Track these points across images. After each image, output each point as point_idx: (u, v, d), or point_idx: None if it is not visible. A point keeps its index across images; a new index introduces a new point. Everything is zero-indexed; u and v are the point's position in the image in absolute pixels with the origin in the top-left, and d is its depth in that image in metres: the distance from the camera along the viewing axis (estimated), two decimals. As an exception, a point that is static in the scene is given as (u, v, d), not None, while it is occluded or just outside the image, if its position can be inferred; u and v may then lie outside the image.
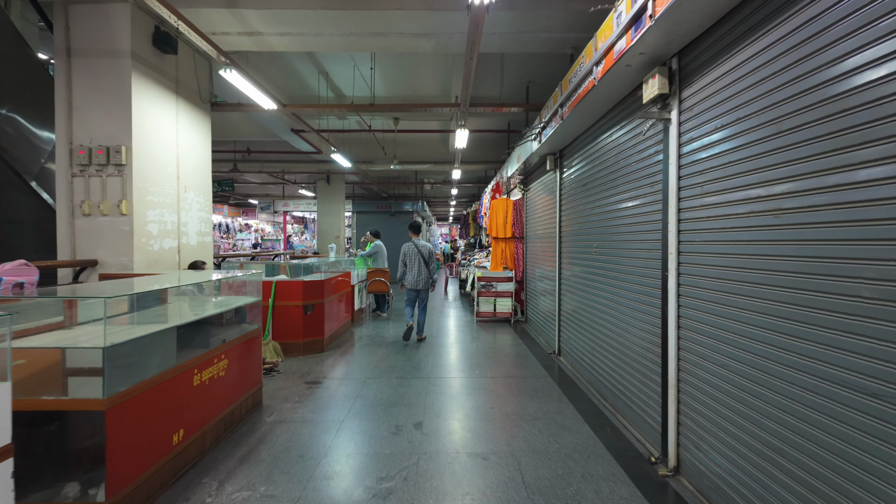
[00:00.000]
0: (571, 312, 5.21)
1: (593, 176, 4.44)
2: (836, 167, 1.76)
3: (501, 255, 8.24)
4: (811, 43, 1.87)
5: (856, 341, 1.68)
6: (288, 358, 5.66)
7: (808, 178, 1.88)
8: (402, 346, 6.24)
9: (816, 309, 1.85)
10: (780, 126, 2.04)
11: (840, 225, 1.75)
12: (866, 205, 1.65)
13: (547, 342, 6.34)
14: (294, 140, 9.62)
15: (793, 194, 1.96)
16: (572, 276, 5.18)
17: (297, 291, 5.79)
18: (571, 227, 5.20)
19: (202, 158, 5.67)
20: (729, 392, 2.39)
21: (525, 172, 7.58)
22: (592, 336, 4.47)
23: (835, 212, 1.77)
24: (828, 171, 1.79)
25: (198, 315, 3.37)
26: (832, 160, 1.78)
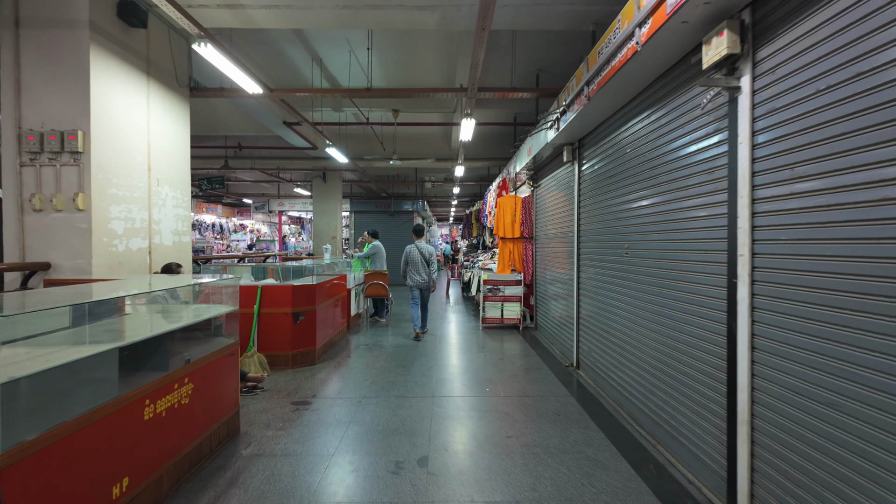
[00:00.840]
0: (593, 321, 4.62)
1: (624, 167, 3.86)
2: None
3: (509, 257, 7.65)
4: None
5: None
6: (275, 372, 5.07)
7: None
8: (402, 358, 5.65)
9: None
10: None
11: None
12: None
13: (562, 353, 5.75)
14: (288, 134, 9.03)
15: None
16: (594, 281, 4.59)
17: (285, 297, 5.20)
18: (593, 225, 4.61)
19: (179, 149, 5.08)
20: (836, 439, 1.81)
21: (535, 167, 6.99)
22: (622, 350, 3.88)
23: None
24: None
25: (155, 331, 2.77)
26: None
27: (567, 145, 5.15)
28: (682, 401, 2.92)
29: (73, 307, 2.46)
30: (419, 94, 5.34)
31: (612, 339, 4.11)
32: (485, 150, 11.69)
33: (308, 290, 5.37)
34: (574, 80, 4.10)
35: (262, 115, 7.94)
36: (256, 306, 5.14)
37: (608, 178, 4.20)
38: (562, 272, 5.83)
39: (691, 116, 2.80)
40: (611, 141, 4.14)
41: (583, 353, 4.98)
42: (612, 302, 4.12)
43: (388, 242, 15.87)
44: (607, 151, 4.23)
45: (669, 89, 3.05)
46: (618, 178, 3.98)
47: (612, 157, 4.12)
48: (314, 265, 6.61)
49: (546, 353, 5.90)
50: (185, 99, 5.17)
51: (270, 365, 5.14)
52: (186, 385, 2.79)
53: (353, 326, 7.69)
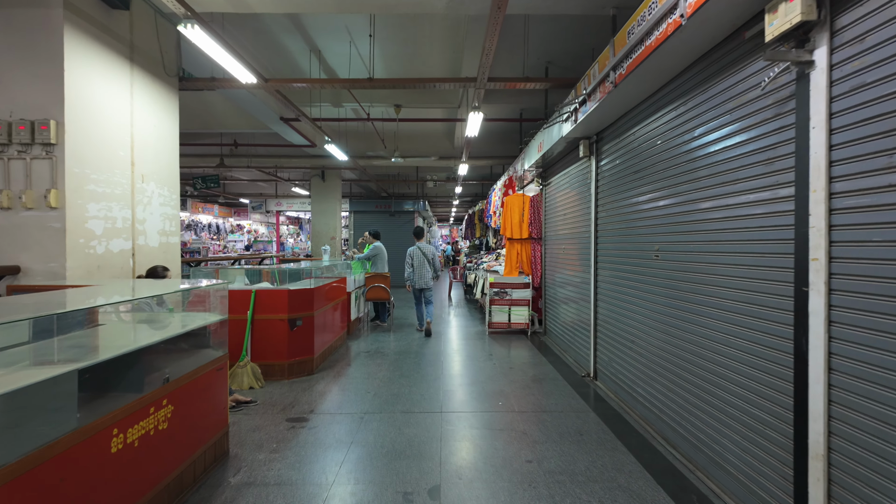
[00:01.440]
0: (614, 329, 4.27)
1: (653, 161, 3.51)
2: None
3: (517, 258, 7.31)
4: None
5: None
6: (269, 383, 4.71)
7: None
8: (406, 366, 5.29)
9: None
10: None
11: None
12: None
13: (577, 361, 5.40)
14: (285, 131, 8.68)
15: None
16: (615, 285, 4.25)
17: (281, 302, 4.84)
18: (614, 225, 4.27)
19: (167, 143, 4.72)
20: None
21: (545, 164, 6.65)
22: (649, 362, 3.53)
23: None
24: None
25: (128, 346, 2.41)
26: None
27: (584, 139, 4.80)
28: (729, 424, 2.57)
29: (30, 321, 2.10)
30: (424, 85, 4.99)
31: (636, 350, 3.76)
32: (489, 147, 11.35)
33: (305, 295, 5.01)
34: (596, 67, 3.76)
35: (258, 110, 7.59)
36: (250, 312, 4.78)
37: (633, 173, 3.86)
38: (575, 275, 5.49)
39: (742, 101, 2.45)
40: (636, 133, 3.80)
41: (601, 363, 4.63)
42: (636, 309, 3.78)
43: (389, 243, 15.51)
44: (632, 145, 3.89)
45: (713, 71, 2.71)
46: (645, 173, 3.63)
47: (638, 151, 3.77)
48: (312, 267, 6.26)
49: (559, 362, 5.54)
50: (173, 90, 4.82)
51: (265, 375, 4.79)
52: (165, 408, 2.44)
53: (353, 331, 7.34)
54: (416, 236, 7.61)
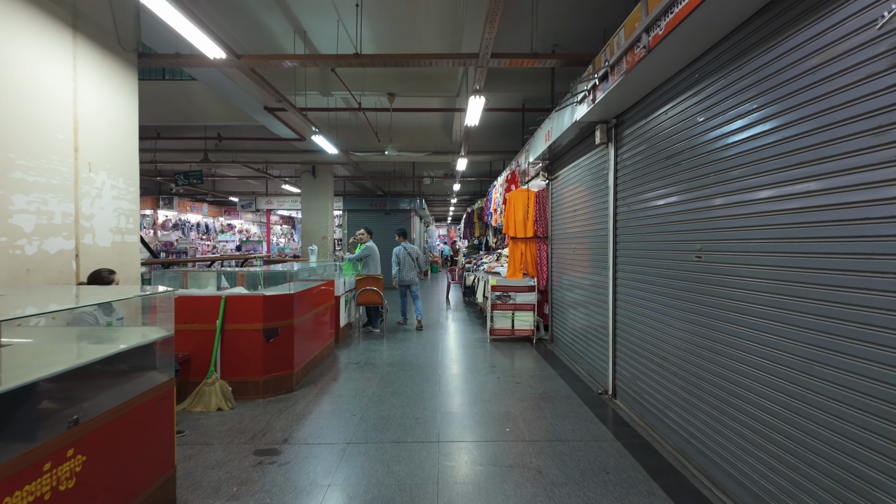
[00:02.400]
0: (638, 341, 3.69)
1: (692, 144, 2.93)
2: None
3: (521, 259, 6.72)
4: None
5: None
6: (242, 403, 4.11)
7: None
8: (399, 381, 4.69)
9: None
10: None
11: None
12: None
13: (591, 375, 4.81)
14: (271, 123, 8.08)
15: None
16: (639, 290, 3.66)
17: (255, 310, 4.23)
18: (638, 221, 3.68)
19: (123, 127, 4.11)
20: None
21: (552, 156, 6.06)
22: (687, 384, 2.95)
23: None
24: None
25: (22, 377, 1.81)
26: None
27: (601, 124, 4.21)
28: (810, 475, 1.98)
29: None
30: (419, 62, 4.40)
31: (669, 369, 3.18)
32: (488, 142, 10.78)
33: (284, 301, 4.41)
34: (622, 33, 3.17)
35: (240, 99, 6.98)
36: (219, 322, 4.17)
37: (664, 160, 3.27)
38: (588, 277, 4.90)
39: (836, 53, 1.87)
40: (670, 112, 3.21)
41: (622, 380, 4.04)
42: (669, 320, 3.19)
43: (384, 243, 14.91)
44: (663, 127, 3.30)
45: (792, 17, 2.11)
46: (681, 160, 3.05)
47: (671, 134, 3.19)
48: (295, 270, 5.65)
49: (570, 375, 4.96)
50: (131, 67, 4.21)
51: (237, 394, 4.18)
52: (71, 460, 1.84)
53: (342, 339, 6.73)
54: (402, 236, 7.86)
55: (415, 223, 15.50)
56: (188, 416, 3.81)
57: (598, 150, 4.51)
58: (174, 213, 15.67)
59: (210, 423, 3.68)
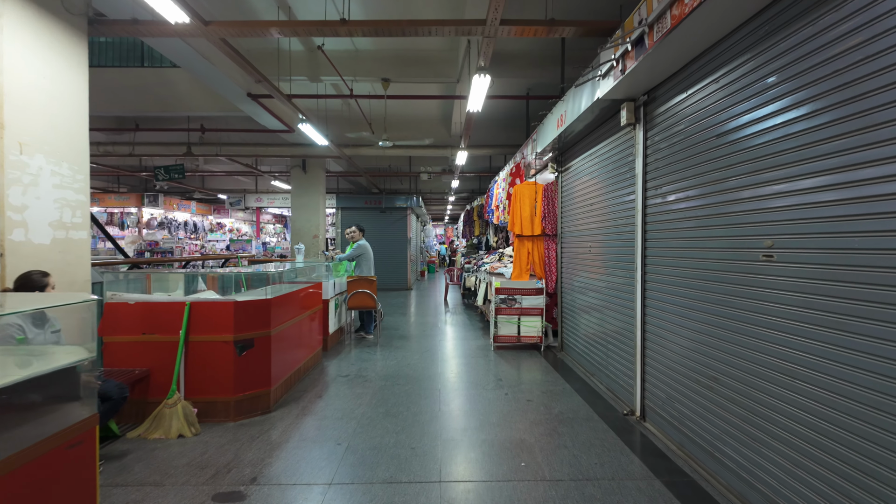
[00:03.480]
0: (676, 356, 3.11)
1: (756, 117, 2.35)
2: None
3: (528, 259, 6.14)
4: None
5: None
6: (209, 427, 3.50)
7: None
8: (394, 398, 4.10)
9: None
10: None
11: None
12: None
13: (611, 390, 4.23)
14: (257, 113, 7.48)
15: None
16: (678, 296, 3.09)
17: (224, 318, 3.63)
18: (677, 214, 3.11)
19: (69, 105, 3.50)
20: None
21: (562, 145, 5.48)
22: (752, 414, 2.37)
23: None
24: None
25: None
26: None
27: (627, 102, 3.63)
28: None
29: None
30: (416, 31, 3.80)
31: (723, 393, 2.60)
32: (489, 136, 10.20)
33: (259, 308, 3.80)
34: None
35: (222, 85, 6.37)
36: (182, 332, 3.57)
37: (715, 139, 2.70)
38: (606, 279, 4.32)
39: None
40: (726, 79, 2.63)
41: (653, 400, 3.46)
42: (722, 332, 2.61)
43: (380, 243, 14.27)
44: (714, 99, 2.72)
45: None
46: (742, 137, 2.47)
47: (726, 107, 2.61)
48: (276, 271, 5.05)
49: (587, 390, 4.38)
50: (79, 34, 3.59)
51: (205, 415, 3.58)
52: None
53: (331, 346, 6.13)
54: (360, 232, 7.43)
55: (411, 222, 14.89)
56: (143, 445, 3.20)
57: (623, 133, 3.93)
58: (160, 211, 15.02)
59: (167, 454, 3.08)
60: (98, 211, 14.55)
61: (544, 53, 6.38)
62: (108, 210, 14.54)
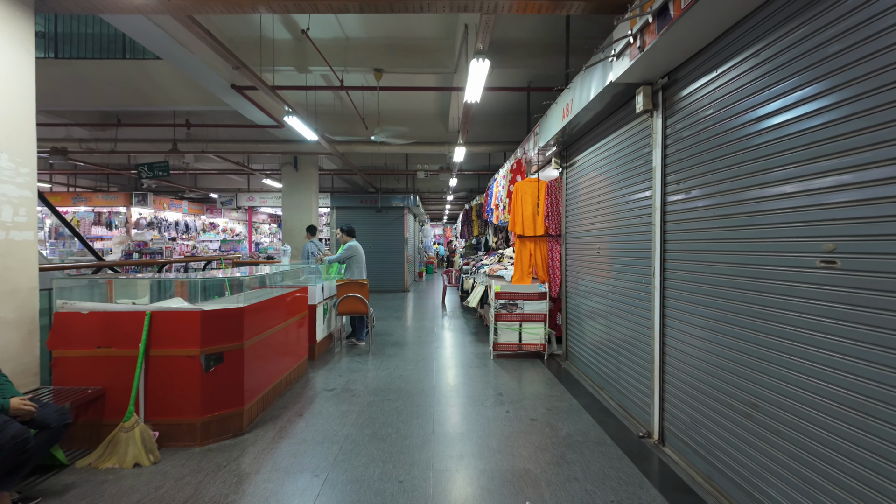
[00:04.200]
0: (703, 373, 2.71)
1: (816, 92, 1.95)
2: None
3: (529, 261, 5.73)
4: None
5: None
6: (171, 453, 3.09)
7: None
8: (383, 416, 3.69)
9: None
10: None
11: None
12: None
13: (623, 406, 3.82)
14: (243, 106, 7.08)
15: None
16: (708, 305, 2.68)
17: (189, 330, 3.22)
18: (707, 212, 2.71)
19: (11, 90, 3.10)
20: None
21: (567, 138, 5.07)
22: (808, 451, 1.97)
23: None
24: None
25: None
26: None
27: (644, 85, 3.23)
28: None
29: None
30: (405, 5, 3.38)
31: (765, 422, 2.19)
32: (488, 132, 9.80)
33: (230, 318, 3.39)
34: (696, -64, 2.18)
35: (204, 76, 5.97)
36: (142, 345, 3.15)
37: (753, 123, 2.29)
38: (616, 284, 3.92)
39: None
40: (768, 52, 2.23)
41: (674, 422, 3.06)
42: (764, 351, 2.21)
43: (377, 243, 13.89)
44: (751, 77, 2.32)
45: None
46: (785, 123, 2.07)
47: (765, 87, 2.21)
48: (252, 276, 4.64)
49: (596, 406, 3.97)
50: (23, 9, 3.18)
51: (168, 440, 3.18)
52: None
53: (319, 355, 5.72)
54: (310, 233, 7.77)
55: (408, 222, 14.48)
56: (92, 477, 2.79)
57: (638, 122, 3.53)
58: (150, 210, 14.59)
59: (117, 488, 2.67)
60: (85, 210, 14.13)
61: (547, 42, 5.98)
62: (95, 209, 14.10)
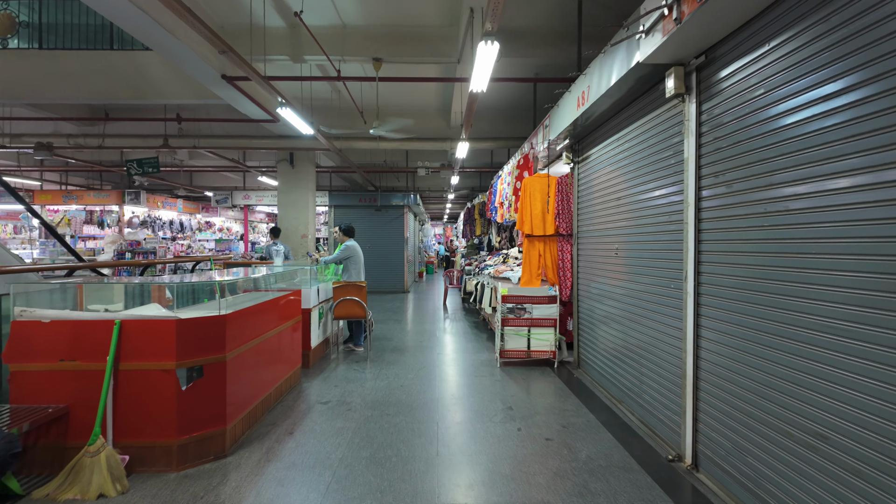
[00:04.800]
0: (754, 395, 2.35)
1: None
2: None
3: (539, 262, 5.37)
4: None
5: None
6: (142, 480, 2.74)
7: None
8: (381, 434, 3.34)
9: None
10: None
11: None
12: None
13: (646, 422, 3.47)
14: (236, 99, 6.75)
15: None
16: (756, 316, 2.33)
17: (164, 341, 2.86)
18: (756, 207, 2.35)
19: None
20: None
21: (579, 131, 4.71)
22: (895, 499, 1.62)
23: None
24: None
25: None
26: None
27: (676, 66, 2.87)
28: None
29: None
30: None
31: (838, 457, 1.84)
32: (491, 127, 9.46)
33: (211, 327, 3.03)
34: None
35: (193, 65, 5.64)
36: (110, 358, 2.80)
37: (821, 103, 1.94)
38: (637, 287, 3.57)
39: None
40: (835, 18, 1.87)
41: (711, 446, 2.70)
42: (834, 372, 1.86)
43: (376, 243, 13.52)
44: (820, 46, 1.96)
45: None
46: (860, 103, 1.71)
47: (838, 58, 1.85)
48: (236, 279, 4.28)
49: (616, 422, 3.62)
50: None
51: (141, 464, 2.82)
52: None
53: (314, 362, 5.37)
54: (273, 234, 8.09)
55: (409, 220, 14.12)
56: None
57: (666, 109, 3.17)
58: (144, 209, 14.22)
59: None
60: (77, 209, 13.75)
61: (557, 30, 5.64)
62: (87, 208, 13.72)
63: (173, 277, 4.59)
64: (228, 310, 3.21)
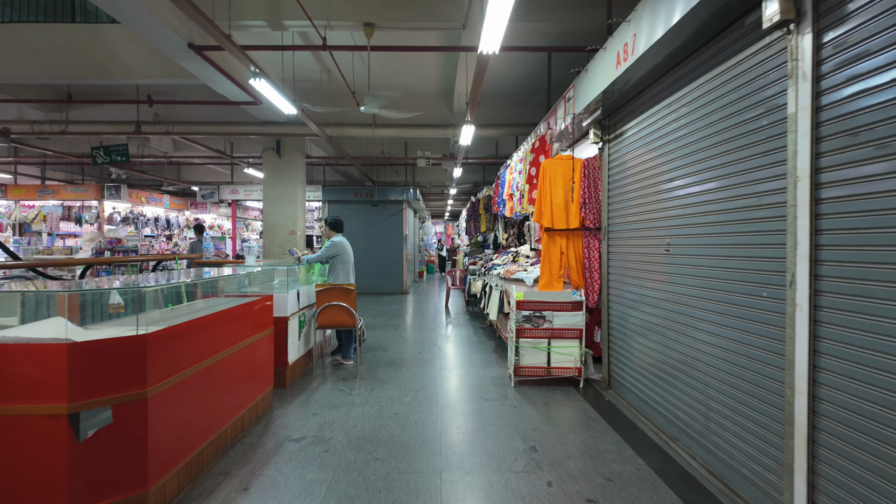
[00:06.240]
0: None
1: None
2: None
3: (560, 261, 4.51)
4: None
5: None
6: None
7: None
8: (363, 494, 2.48)
9: None
10: None
11: None
12: None
13: (717, 474, 2.60)
14: (209, 76, 5.94)
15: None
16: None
17: (48, 374, 2.00)
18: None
19: None
20: None
21: (611, 102, 3.84)
22: None
23: None
24: None
25: None
26: None
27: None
28: None
29: None
30: None
31: None
32: (497, 113, 8.61)
33: (123, 351, 2.17)
34: None
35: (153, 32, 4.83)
36: (-29, 400, 1.94)
37: None
38: (699, 294, 2.71)
39: None
40: None
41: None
42: None
43: (372, 241, 12.65)
44: None
45: None
46: None
47: None
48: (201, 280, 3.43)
49: (674, 470, 2.76)
50: None
51: (14, 550, 1.96)
52: None
53: (293, 381, 4.51)
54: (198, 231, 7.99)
55: (408, 217, 13.25)
56: None
57: (756, 50, 2.30)
58: (126, 204, 13.37)
59: None
60: (54, 204, 12.91)
61: None
62: (64, 203, 12.88)
63: (99, 281, 3.72)
64: (158, 325, 2.36)
